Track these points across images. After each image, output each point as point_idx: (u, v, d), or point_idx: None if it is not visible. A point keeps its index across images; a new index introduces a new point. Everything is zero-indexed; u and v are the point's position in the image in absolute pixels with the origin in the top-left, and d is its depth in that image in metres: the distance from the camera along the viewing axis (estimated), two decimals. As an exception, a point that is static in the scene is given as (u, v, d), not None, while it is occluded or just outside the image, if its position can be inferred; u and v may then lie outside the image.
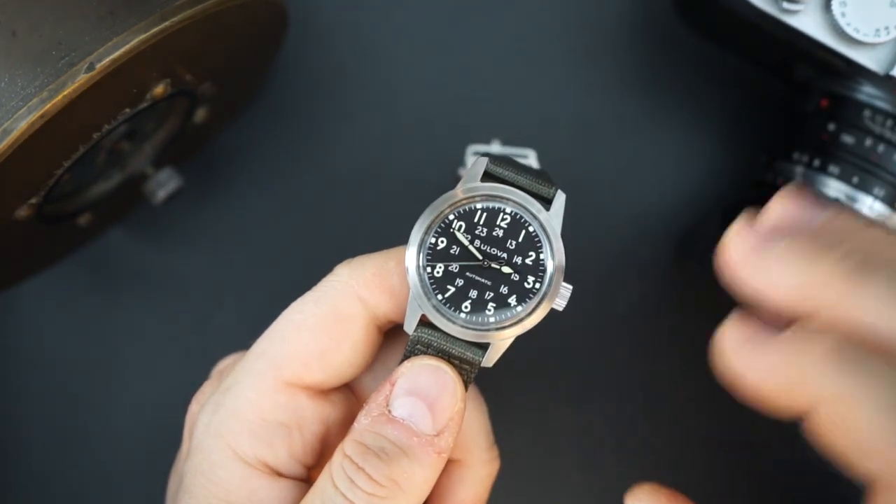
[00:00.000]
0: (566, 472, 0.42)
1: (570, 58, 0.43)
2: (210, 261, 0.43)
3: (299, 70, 0.43)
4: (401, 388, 0.27)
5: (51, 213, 0.35)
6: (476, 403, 0.31)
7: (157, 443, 0.38)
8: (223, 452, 0.27)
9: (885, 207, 0.36)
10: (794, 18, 0.34)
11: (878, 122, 0.35)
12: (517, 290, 0.27)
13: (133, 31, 0.29)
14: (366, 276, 0.27)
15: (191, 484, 0.27)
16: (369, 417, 0.26)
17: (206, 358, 0.34)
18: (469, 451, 0.30)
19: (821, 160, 0.36)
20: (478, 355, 0.27)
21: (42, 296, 0.43)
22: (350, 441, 0.26)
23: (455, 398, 0.27)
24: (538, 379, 0.42)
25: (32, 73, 0.28)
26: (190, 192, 0.42)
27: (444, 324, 0.27)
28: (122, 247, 0.43)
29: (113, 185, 0.38)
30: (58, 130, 0.29)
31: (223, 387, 0.28)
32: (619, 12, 0.42)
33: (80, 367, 0.43)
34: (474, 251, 0.27)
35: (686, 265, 0.42)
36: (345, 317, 0.27)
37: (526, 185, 0.27)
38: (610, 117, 0.43)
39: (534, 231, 0.27)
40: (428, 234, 0.27)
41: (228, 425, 0.27)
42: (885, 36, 0.33)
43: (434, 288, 0.27)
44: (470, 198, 0.27)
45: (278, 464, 0.27)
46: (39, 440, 0.43)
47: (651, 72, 0.43)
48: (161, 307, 0.43)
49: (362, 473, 0.25)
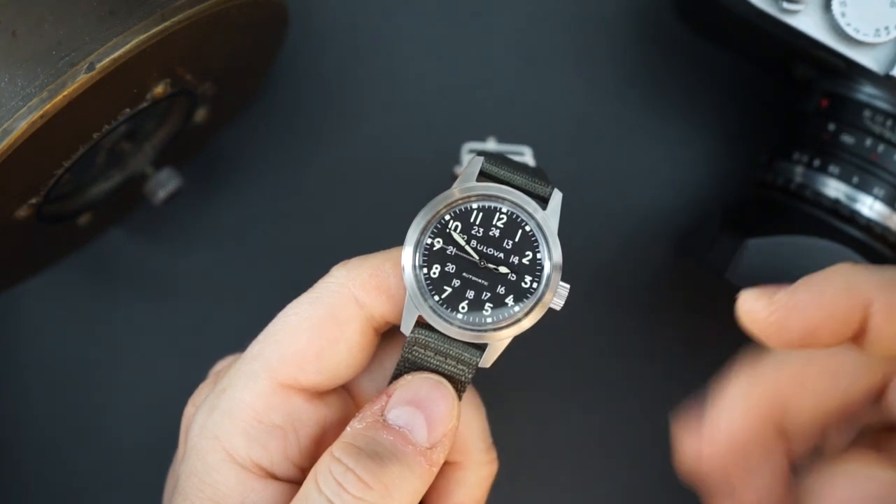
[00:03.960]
0: (565, 473, 0.42)
1: (569, 56, 0.43)
2: (210, 261, 0.43)
3: (299, 70, 0.43)
4: (399, 397, 0.26)
5: (51, 213, 0.35)
6: (474, 405, 0.30)
7: (157, 442, 0.38)
8: (218, 454, 0.27)
9: (885, 207, 0.35)
10: (794, 18, 0.34)
11: (878, 122, 0.35)
12: (514, 290, 0.27)
13: (133, 31, 0.29)
14: (362, 277, 0.27)
15: (185, 486, 0.27)
16: (363, 423, 0.26)
17: (205, 358, 0.34)
18: (467, 453, 0.30)
19: (821, 160, 0.36)
20: (475, 356, 0.27)
21: (42, 296, 0.43)
22: (341, 443, 0.26)
23: (452, 415, 0.26)
24: (536, 379, 0.42)
25: (32, 73, 0.28)
26: (190, 192, 0.42)
27: (441, 325, 0.27)
28: (122, 247, 0.43)
29: (113, 185, 0.38)
30: (58, 130, 0.29)
31: (218, 388, 0.28)
32: (619, 11, 0.42)
33: (79, 367, 0.43)
34: (470, 251, 0.27)
35: (686, 265, 0.42)
36: (340, 318, 0.27)
37: (522, 184, 0.27)
38: (609, 116, 0.42)
39: (530, 230, 0.27)
40: (424, 234, 0.27)
41: (223, 427, 0.27)
42: (885, 36, 0.33)
43: (430, 289, 0.27)
44: (466, 197, 0.27)
45: (273, 466, 0.27)
46: (39, 440, 0.43)
47: (650, 71, 0.42)
48: (161, 307, 0.43)
49: (352, 475, 0.25)
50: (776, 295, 0.25)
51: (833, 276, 0.25)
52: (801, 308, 0.25)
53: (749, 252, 0.35)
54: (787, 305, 0.25)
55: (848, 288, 0.24)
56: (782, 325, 0.25)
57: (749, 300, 0.26)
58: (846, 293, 0.24)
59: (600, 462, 0.42)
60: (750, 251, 0.35)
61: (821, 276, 0.25)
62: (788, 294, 0.25)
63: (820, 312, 0.24)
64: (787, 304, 0.25)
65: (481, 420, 0.31)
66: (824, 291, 0.24)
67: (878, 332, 0.24)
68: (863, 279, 0.24)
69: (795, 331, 0.25)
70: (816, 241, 0.35)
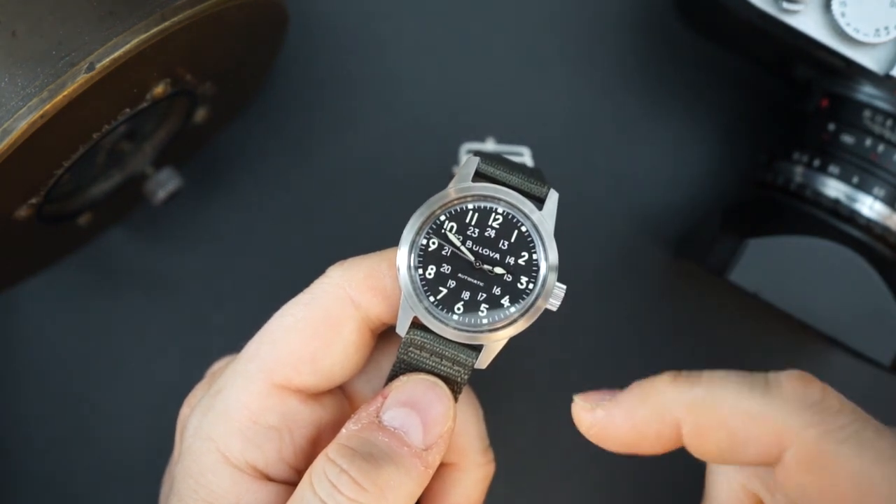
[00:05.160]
0: (564, 474, 0.42)
1: (569, 56, 0.43)
2: (210, 261, 0.43)
3: (299, 70, 0.43)
4: (394, 399, 0.26)
5: (51, 213, 0.35)
6: (470, 406, 0.30)
7: (157, 442, 0.38)
8: (212, 455, 0.27)
9: (885, 207, 0.35)
10: (794, 18, 0.33)
11: (878, 122, 0.35)
12: (510, 291, 0.27)
13: (133, 31, 0.29)
14: (358, 278, 0.27)
15: (180, 487, 0.27)
16: (359, 424, 0.26)
17: (205, 358, 0.34)
18: (464, 455, 0.30)
19: (821, 160, 0.36)
20: (471, 357, 0.27)
21: (42, 296, 0.43)
22: (335, 445, 0.26)
23: (448, 416, 0.26)
24: (533, 380, 0.42)
25: (32, 73, 0.28)
26: (190, 192, 0.42)
27: (437, 326, 0.27)
28: (122, 247, 0.43)
29: (113, 185, 0.38)
30: (58, 130, 0.29)
31: (213, 389, 0.28)
32: (619, 11, 0.42)
33: (79, 366, 0.43)
34: (466, 252, 0.27)
35: (686, 265, 0.42)
36: (336, 319, 0.27)
37: (518, 184, 0.27)
38: (608, 116, 0.42)
39: (526, 231, 0.27)
40: (419, 234, 0.27)
41: (218, 428, 0.27)
42: (885, 36, 0.33)
43: (426, 289, 0.27)
44: (461, 198, 0.27)
45: (268, 467, 0.27)
46: (39, 440, 0.43)
47: (650, 71, 0.42)
48: (161, 307, 0.43)
49: (346, 476, 0.25)
50: (597, 410, 0.27)
51: (648, 396, 0.26)
52: (616, 426, 0.27)
53: (749, 252, 0.35)
54: (603, 423, 0.27)
55: (659, 409, 0.26)
56: (601, 438, 0.27)
57: (577, 408, 0.28)
58: (657, 415, 0.26)
59: (598, 463, 0.42)
60: (750, 251, 0.35)
61: (637, 394, 0.26)
62: (607, 411, 0.27)
63: (633, 432, 0.26)
64: (603, 422, 0.27)
65: (478, 421, 0.30)
66: (636, 413, 0.26)
67: (691, 448, 0.26)
68: (673, 400, 0.26)
69: (614, 445, 0.27)
70: (816, 241, 0.35)
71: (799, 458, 0.24)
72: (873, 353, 0.34)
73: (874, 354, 0.34)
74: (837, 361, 0.42)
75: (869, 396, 0.42)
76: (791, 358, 0.42)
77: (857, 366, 0.40)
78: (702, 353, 0.42)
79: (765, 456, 0.25)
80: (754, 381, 0.25)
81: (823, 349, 0.42)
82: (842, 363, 0.42)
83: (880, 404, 0.42)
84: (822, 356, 0.42)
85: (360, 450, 0.25)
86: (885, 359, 0.34)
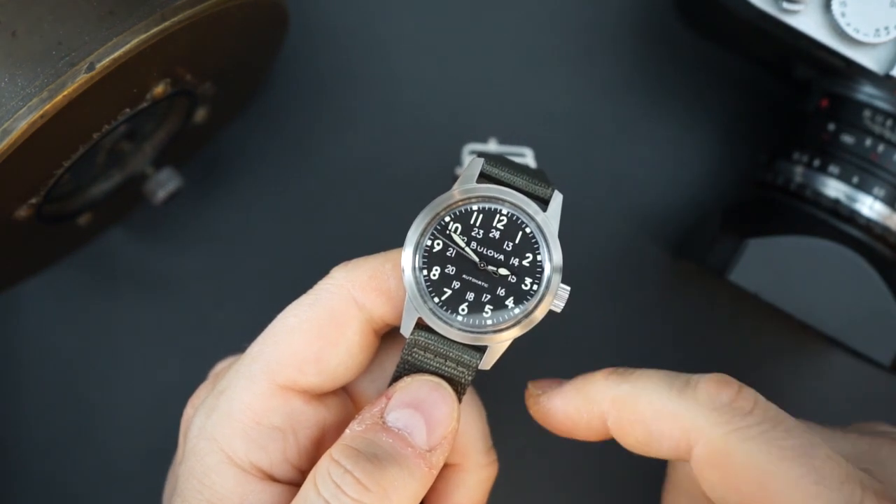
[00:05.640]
0: (565, 475, 0.42)
1: (569, 56, 0.43)
2: (210, 261, 0.43)
3: (299, 70, 0.43)
4: (398, 400, 0.26)
5: (51, 213, 0.35)
6: (474, 406, 0.30)
7: (157, 443, 0.38)
8: (216, 456, 0.27)
9: (885, 207, 0.35)
10: (794, 18, 0.34)
11: (878, 122, 0.35)
12: (514, 292, 0.27)
13: (133, 31, 0.29)
14: (362, 279, 0.27)
15: (184, 487, 0.27)
16: (363, 425, 0.26)
17: (205, 358, 0.34)
18: (467, 455, 0.30)
19: (821, 160, 0.36)
20: (475, 358, 0.27)
21: (42, 296, 0.43)
22: (339, 446, 0.26)
23: (452, 417, 0.27)
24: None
25: (32, 73, 0.28)
26: (190, 192, 0.42)
27: (441, 327, 0.27)
28: (122, 247, 0.43)
29: (113, 185, 0.38)
30: (58, 130, 0.29)
31: (217, 390, 0.28)
32: (619, 11, 0.42)
33: (80, 366, 0.43)
34: (470, 253, 0.27)
35: (686, 265, 0.42)
36: (340, 320, 0.27)
37: (522, 185, 0.27)
38: (609, 116, 0.42)
39: (531, 232, 0.27)
40: (424, 235, 0.27)
41: (222, 429, 0.27)
42: (885, 36, 0.33)
43: (430, 290, 0.27)
44: (466, 199, 0.27)
45: (272, 468, 0.27)
46: (39, 440, 0.43)
47: (650, 71, 0.42)
48: (161, 307, 0.43)
49: (350, 477, 0.25)
50: (541, 397, 0.29)
51: (582, 388, 0.28)
52: (554, 413, 0.29)
53: (749, 252, 0.35)
54: (543, 409, 0.29)
55: (588, 401, 0.28)
56: (544, 422, 0.29)
57: (527, 393, 0.30)
58: (587, 406, 0.28)
59: (601, 464, 0.42)
60: (750, 251, 0.35)
61: (576, 386, 0.29)
62: (548, 398, 0.29)
63: (567, 420, 0.29)
64: (543, 408, 0.29)
65: (482, 422, 0.30)
66: (570, 403, 0.29)
67: (616, 438, 0.28)
68: (602, 393, 0.28)
69: (554, 429, 0.29)
70: (816, 241, 0.35)
71: (705, 455, 0.26)
72: (873, 353, 0.35)
73: (874, 354, 0.35)
74: (837, 361, 0.42)
75: (869, 396, 0.42)
76: (791, 358, 0.42)
77: (857, 366, 0.40)
78: (702, 352, 0.42)
79: (676, 451, 0.27)
80: (675, 381, 0.27)
81: (823, 349, 0.42)
82: (842, 363, 0.42)
83: (880, 404, 0.42)
84: (822, 356, 0.42)
85: (364, 450, 0.25)
86: (885, 359, 0.35)
